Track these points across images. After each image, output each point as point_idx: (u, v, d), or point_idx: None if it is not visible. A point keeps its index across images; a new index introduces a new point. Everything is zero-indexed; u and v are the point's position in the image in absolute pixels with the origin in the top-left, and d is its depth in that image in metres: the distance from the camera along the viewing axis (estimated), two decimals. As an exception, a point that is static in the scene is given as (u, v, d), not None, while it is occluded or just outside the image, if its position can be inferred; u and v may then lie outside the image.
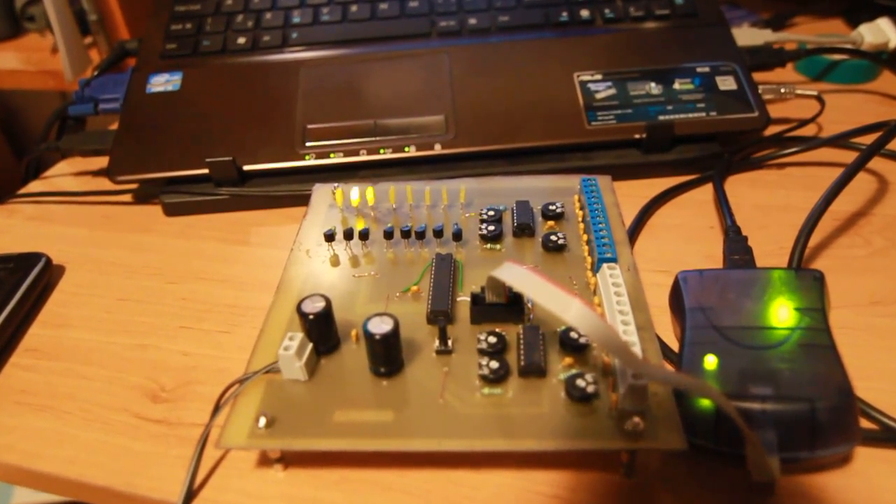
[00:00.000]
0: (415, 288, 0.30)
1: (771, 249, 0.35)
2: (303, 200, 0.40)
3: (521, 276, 0.24)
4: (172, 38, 0.48)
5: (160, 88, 0.45)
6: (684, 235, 0.37)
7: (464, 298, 0.29)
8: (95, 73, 0.47)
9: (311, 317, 0.26)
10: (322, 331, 0.27)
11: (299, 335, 0.26)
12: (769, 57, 0.45)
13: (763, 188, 0.40)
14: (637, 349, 0.25)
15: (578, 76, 0.43)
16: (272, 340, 0.28)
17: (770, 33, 0.46)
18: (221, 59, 0.46)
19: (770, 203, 0.39)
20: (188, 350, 0.32)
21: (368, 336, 0.25)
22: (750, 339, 0.26)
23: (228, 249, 0.38)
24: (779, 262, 0.34)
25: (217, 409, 0.26)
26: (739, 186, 0.40)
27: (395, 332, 0.25)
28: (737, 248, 0.31)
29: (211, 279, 0.36)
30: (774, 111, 0.44)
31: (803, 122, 0.42)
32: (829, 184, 0.34)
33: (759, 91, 0.42)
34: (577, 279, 0.30)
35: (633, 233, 0.36)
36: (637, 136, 0.40)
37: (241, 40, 0.47)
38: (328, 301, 0.27)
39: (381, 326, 0.25)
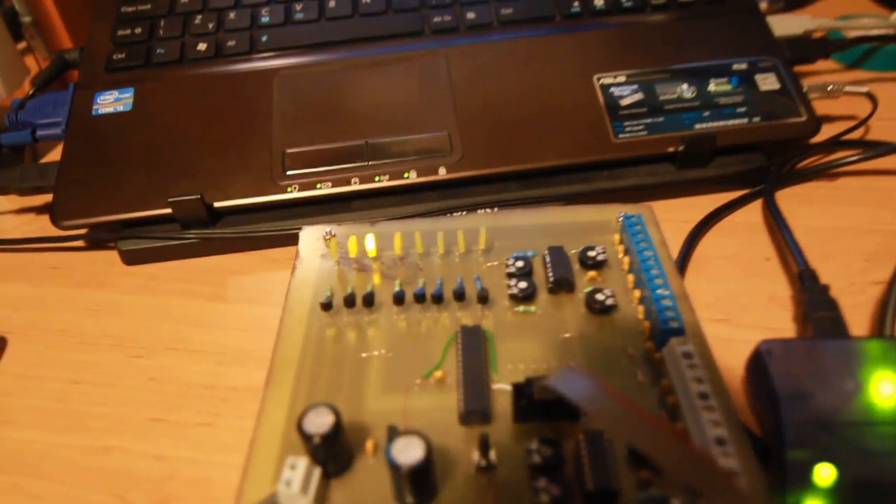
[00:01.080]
0: (438, 373, 0.24)
1: (841, 286, 0.30)
2: (287, 241, 0.34)
3: (587, 392, 0.19)
4: (120, 46, 0.40)
5: (109, 109, 0.37)
6: (738, 270, 0.31)
7: (501, 387, 0.24)
8: (30, 91, 0.40)
9: (317, 439, 0.20)
10: (331, 452, 0.21)
11: (302, 461, 0.20)
12: (811, 49, 0.39)
13: (816, 205, 0.34)
14: (732, 463, 0.20)
15: (599, 79, 0.37)
16: (267, 458, 0.22)
17: (809, 20, 0.40)
18: (180, 69, 0.39)
19: (827, 224, 0.33)
20: (161, 452, 0.26)
21: (394, 468, 0.19)
22: (868, 440, 0.20)
23: (202, 308, 0.32)
24: (855, 305, 0.29)
25: (203, 565, 0.20)
26: (788, 204, 0.34)
27: (427, 460, 0.19)
28: (819, 301, 0.26)
29: (183, 349, 0.30)
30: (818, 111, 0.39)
31: (856, 125, 0.37)
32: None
33: (805, 90, 0.36)
34: (634, 349, 0.25)
35: (681, 270, 0.31)
36: (671, 149, 0.35)
37: (202, 46, 0.40)
38: (337, 415, 0.21)
39: (409, 453, 0.19)
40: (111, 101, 0.38)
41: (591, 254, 0.28)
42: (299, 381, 0.24)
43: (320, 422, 0.21)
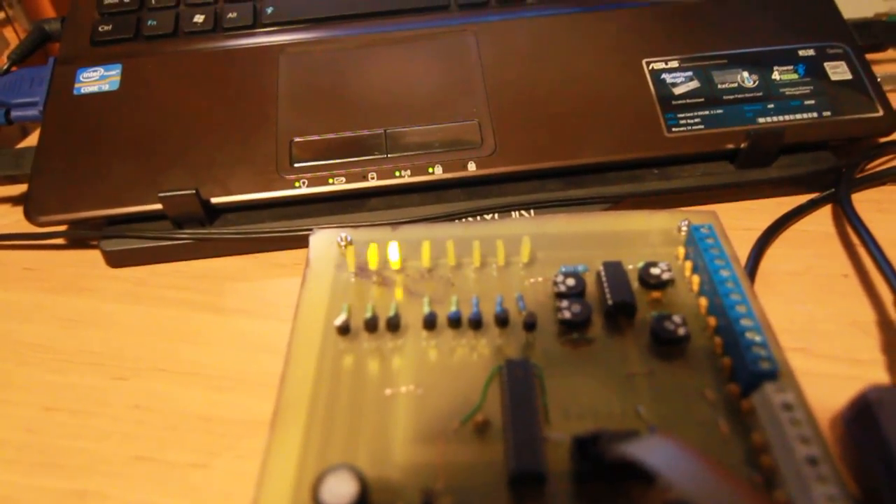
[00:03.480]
0: (479, 416, 0.20)
1: (935, 311, 0.25)
2: (295, 243, 0.30)
3: (684, 469, 0.14)
4: (107, 17, 0.35)
5: (93, 88, 0.33)
6: (812, 289, 0.27)
7: (557, 436, 0.19)
8: (5, 66, 0.35)
9: (337, 515, 0.16)
10: (354, 526, 0.17)
11: (319, 538, 0.16)
12: (883, 34, 0.34)
13: (894, 213, 0.30)
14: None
15: (649, 63, 0.32)
16: (273, 526, 0.18)
17: (880, 1, 0.35)
18: (173, 44, 0.34)
19: (909, 235, 0.29)
20: (146, 499, 0.22)
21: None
22: None
23: (196, 320, 0.28)
24: (955, 334, 0.24)
25: None
26: (862, 212, 0.30)
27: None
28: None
29: (174, 370, 0.26)
30: (890, 104, 0.34)
31: (937, 122, 0.32)
32: None
33: (879, 81, 0.32)
34: (713, 392, 0.20)
35: (748, 289, 0.27)
36: (731, 146, 0.30)
37: (199, 18, 0.35)
38: (362, 482, 0.16)
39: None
40: (96, 79, 0.33)
41: (655, 271, 0.23)
42: (311, 423, 0.20)
43: (341, 491, 0.16)
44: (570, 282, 0.23)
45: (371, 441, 0.20)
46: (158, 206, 0.29)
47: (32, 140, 0.38)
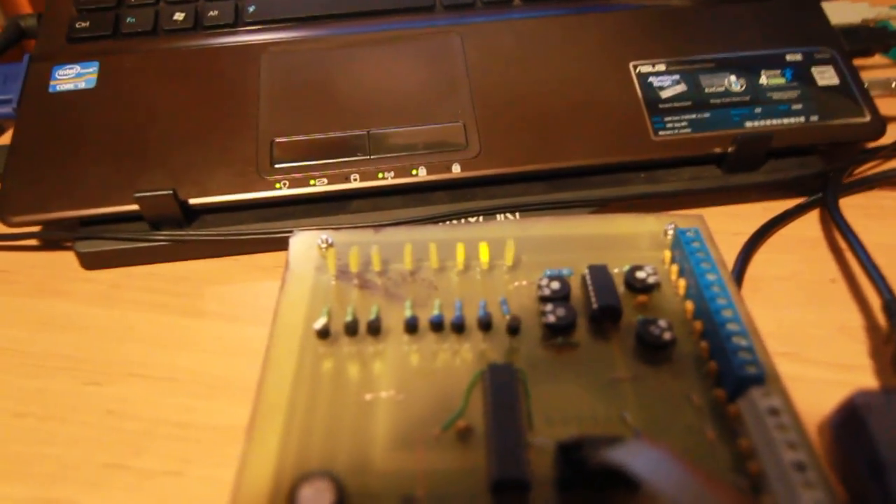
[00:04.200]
0: (461, 422, 0.20)
1: (922, 316, 0.25)
2: (275, 245, 0.29)
3: (668, 475, 0.14)
4: (84, 13, 0.35)
5: (69, 86, 0.32)
6: (800, 294, 0.27)
7: (541, 442, 0.19)
8: (-22, 62, 0.34)
9: (313, 524, 0.16)
10: (331, 537, 0.16)
11: (294, 548, 0.16)
12: (870, 40, 0.34)
13: (881, 219, 0.30)
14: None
15: (636, 67, 0.32)
16: (248, 536, 0.17)
17: (868, 7, 0.36)
18: (152, 42, 0.34)
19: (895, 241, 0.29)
20: (118, 509, 0.21)
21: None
22: None
23: (173, 324, 0.27)
24: (942, 340, 0.24)
25: None
26: (849, 217, 0.30)
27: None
28: (918, 341, 0.22)
29: (149, 376, 0.25)
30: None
31: (925, 127, 0.32)
32: None
33: (865, 86, 0.32)
34: (699, 397, 0.20)
35: (735, 294, 0.27)
36: (718, 150, 0.30)
37: (179, 16, 0.35)
38: (339, 490, 0.16)
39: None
40: (72, 77, 0.32)
41: (640, 275, 0.23)
42: (289, 429, 0.20)
43: (318, 500, 0.16)
44: (555, 285, 0.23)
45: (350, 447, 0.19)
46: (134, 207, 0.29)
47: (5, 139, 0.37)
